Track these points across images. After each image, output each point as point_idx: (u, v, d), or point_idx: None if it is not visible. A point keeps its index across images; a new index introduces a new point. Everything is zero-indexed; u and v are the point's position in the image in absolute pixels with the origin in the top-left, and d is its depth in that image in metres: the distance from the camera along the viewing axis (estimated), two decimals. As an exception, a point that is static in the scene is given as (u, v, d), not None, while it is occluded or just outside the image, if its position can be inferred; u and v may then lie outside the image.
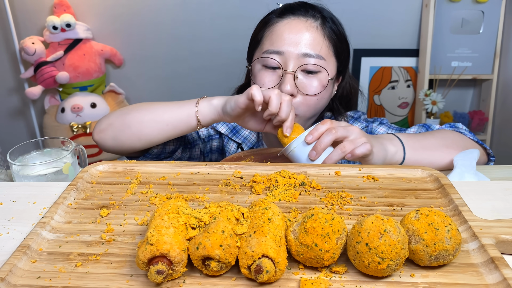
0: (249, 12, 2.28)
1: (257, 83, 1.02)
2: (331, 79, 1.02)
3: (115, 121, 0.97)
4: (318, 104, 1.03)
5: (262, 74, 1.02)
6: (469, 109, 2.50)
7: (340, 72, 1.08)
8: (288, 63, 0.99)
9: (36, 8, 2.32)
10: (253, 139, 1.15)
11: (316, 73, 1.00)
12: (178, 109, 0.94)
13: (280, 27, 1.01)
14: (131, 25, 2.37)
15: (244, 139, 1.15)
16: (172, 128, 0.94)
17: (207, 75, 2.46)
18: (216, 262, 0.50)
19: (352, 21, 1.21)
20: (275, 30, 1.02)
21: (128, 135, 0.95)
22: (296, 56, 0.98)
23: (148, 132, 0.94)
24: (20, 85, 2.46)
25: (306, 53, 0.98)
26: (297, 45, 0.99)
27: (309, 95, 1.00)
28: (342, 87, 1.14)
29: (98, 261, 0.54)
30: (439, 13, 2.26)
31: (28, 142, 0.89)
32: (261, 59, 1.02)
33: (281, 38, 1.00)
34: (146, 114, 0.95)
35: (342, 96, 1.16)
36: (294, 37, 0.99)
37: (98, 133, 0.99)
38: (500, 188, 0.72)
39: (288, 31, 1.00)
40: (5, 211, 0.67)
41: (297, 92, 0.99)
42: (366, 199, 0.68)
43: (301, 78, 1.00)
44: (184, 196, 0.69)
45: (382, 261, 0.48)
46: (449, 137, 1.00)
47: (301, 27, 1.00)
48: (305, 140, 0.83)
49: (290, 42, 0.99)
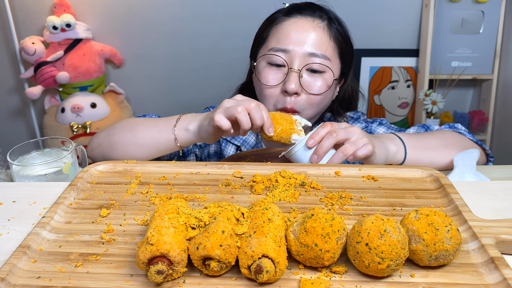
0: (249, 12, 2.28)
1: (261, 80, 1.02)
2: (336, 79, 1.03)
3: (102, 141, 1.00)
4: (321, 103, 1.03)
5: (267, 72, 1.02)
6: (469, 109, 2.50)
7: (344, 74, 1.09)
8: (293, 62, 0.99)
9: (36, 8, 2.32)
10: (252, 141, 1.15)
11: (321, 73, 1.00)
12: (158, 134, 0.93)
13: (287, 26, 1.02)
14: (131, 25, 2.37)
15: (243, 141, 1.15)
16: (155, 151, 0.95)
17: (207, 74, 2.46)
18: (216, 262, 0.50)
19: (352, 21, 1.21)
20: (281, 29, 1.03)
21: (115, 155, 0.97)
22: (301, 55, 0.99)
23: (133, 154, 0.95)
24: (20, 85, 2.46)
25: (312, 53, 0.99)
26: (303, 44, 0.99)
27: (313, 94, 1.00)
28: (344, 90, 1.14)
29: (98, 261, 0.54)
30: (439, 13, 2.26)
31: (28, 142, 0.89)
32: (266, 57, 1.03)
33: (288, 37, 1.00)
34: (128, 137, 0.96)
35: (344, 99, 1.16)
36: (301, 36, 1.00)
37: (90, 151, 1.02)
38: (500, 188, 0.72)
39: (295, 30, 1.01)
40: (5, 211, 0.67)
41: (301, 91, 1.00)
42: (366, 199, 0.68)
43: (306, 77, 1.00)
44: (184, 196, 0.69)
45: (382, 261, 0.48)
46: (449, 137, 1.00)
47: (307, 26, 1.01)
48: (306, 145, 0.84)
49: (296, 41, 1.00)
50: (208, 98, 2.42)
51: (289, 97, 1.00)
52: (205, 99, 2.46)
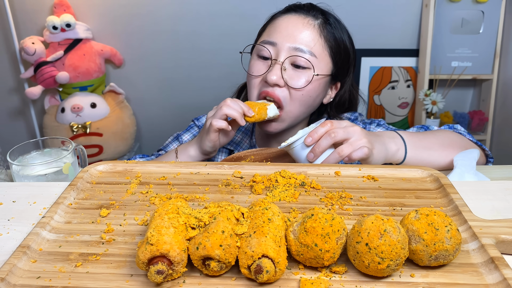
0: (249, 12, 2.28)
1: (248, 70, 1.06)
2: (317, 75, 1.01)
3: None
4: (305, 101, 1.03)
5: (253, 63, 1.05)
6: (469, 109, 2.50)
7: (336, 78, 1.08)
8: (279, 54, 1.00)
9: (36, 8, 2.32)
10: (245, 145, 1.16)
11: (305, 69, 1.00)
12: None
13: (280, 21, 1.04)
14: (131, 25, 2.36)
15: (236, 145, 1.16)
16: None
17: (207, 74, 2.46)
18: (216, 262, 0.50)
19: (352, 21, 1.21)
20: (274, 24, 1.05)
21: None
22: (287, 49, 1.00)
23: None
24: (20, 85, 2.46)
25: (298, 48, 0.99)
26: (290, 38, 1.00)
27: (293, 88, 1.00)
28: (340, 96, 1.13)
29: (98, 261, 0.54)
30: (439, 13, 2.25)
31: (28, 142, 0.89)
32: (256, 49, 1.05)
33: (277, 31, 1.02)
34: None
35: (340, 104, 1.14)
36: (290, 30, 1.01)
37: None
38: (500, 188, 0.72)
39: (285, 25, 1.02)
40: (5, 211, 0.67)
41: (284, 85, 1.00)
42: (366, 199, 0.68)
43: (290, 70, 1.01)
44: (184, 196, 0.69)
45: (382, 261, 0.48)
46: (449, 137, 1.00)
47: (298, 22, 1.02)
48: (305, 142, 0.84)
49: (284, 35, 1.01)
50: (208, 98, 2.42)
51: (271, 87, 1.01)
52: (205, 99, 2.46)
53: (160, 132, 2.49)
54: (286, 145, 0.87)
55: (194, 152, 1.00)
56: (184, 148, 1.01)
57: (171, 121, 2.54)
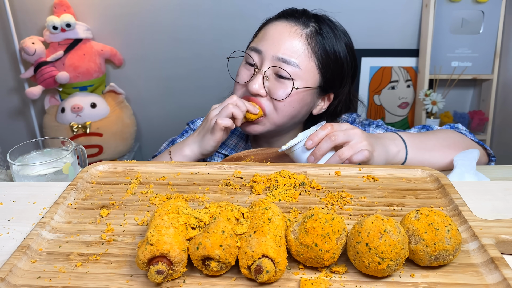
0: (249, 12, 2.28)
1: (235, 77, 1.06)
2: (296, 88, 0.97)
3: None
4: (288, 111, 1.00)
5: (240, 69, 1.04)
6: (469, 109, 2.50)
7: (327, 90, 1.04)
8: (264, 63, 0.99)
9: (36, 8, 2.32)
10: (241, 149, 1.15)
11: (289, 80, 0.97)
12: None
13: (269, 28, 1.02)
14: (131, 25, 2.36)
15: (231, 150, 1.15)
16: None
17: (207, 75, 2.46)
18: (216, 262, 0.50)
19: (352, 21, 1.21)
20: (265, 30, 1.02)
21: None
22: (271, 58, 0.98)
23: None
24: (20, 85, 2.45)
25: (281, 58, 0.97)
26: (275, 47, 0.98)
27: (274, 99, 0.98)
28: (335, 106, 1.09)
29: (98, 261, 0.54)
30: (439, 13, 2.25)
31: (28, 142, 0.89)
32: (245, 55, 1.04)
33: (265, 38, 1.00)
34: None
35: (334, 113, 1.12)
36: (276, 39, 0.98)
37: None
38: (500, 188, 0.72)
39: (272, 32, 1.00)
40: (5, 211, 0.67)
41: (266, 94, 0.99)
42: (366, 199, 0.68)
43: (272, 80, 0.99)
44: (184, 196, 0.69)
45: (382, 261, 0.48)
46: (450, 137, 1.00)
47: (285, 31, 0.98)
48: (305, 146, 0.84)
49: (270, 43, 0.98)
50: (208, 98, 2.42)
51: (253, 96, 1.00)
52: (205, 99, 2.46)
53: (160, 132, 2.49)
54: (287, 148, 0.87)
55: (190, 152, 0.98)
56: (179, 149, 0.99)
57: (171, 121, 2.54)
